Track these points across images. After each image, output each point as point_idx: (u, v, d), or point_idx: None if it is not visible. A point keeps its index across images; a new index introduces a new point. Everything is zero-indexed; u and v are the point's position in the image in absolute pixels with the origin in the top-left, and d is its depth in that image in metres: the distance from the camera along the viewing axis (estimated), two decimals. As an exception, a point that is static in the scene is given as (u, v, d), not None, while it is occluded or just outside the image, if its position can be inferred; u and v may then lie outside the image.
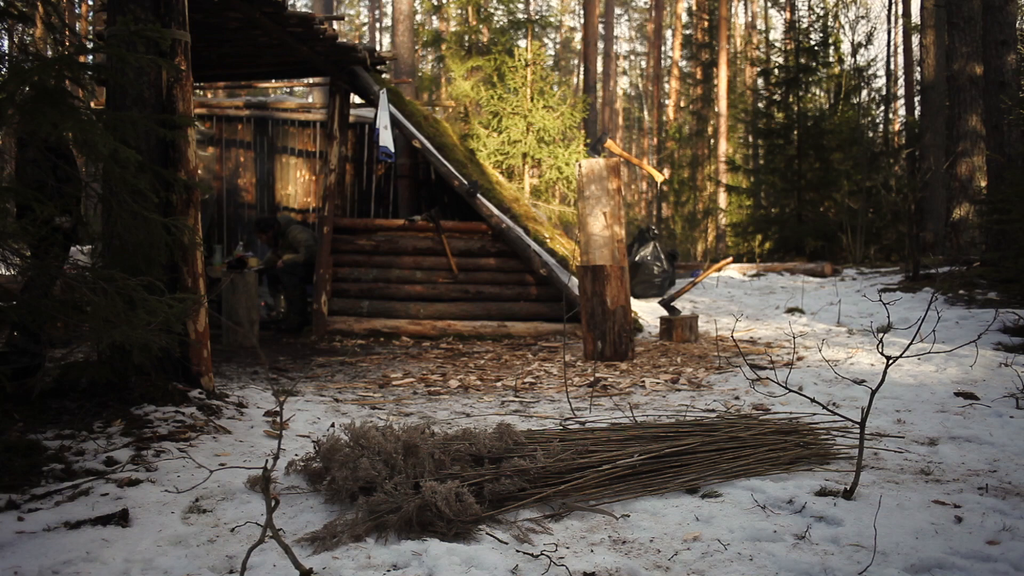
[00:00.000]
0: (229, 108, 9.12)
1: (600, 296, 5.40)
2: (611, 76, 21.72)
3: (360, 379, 4.91)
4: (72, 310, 2.78)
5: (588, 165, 5.55)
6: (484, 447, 2.48)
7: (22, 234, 2.76)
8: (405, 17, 14.22)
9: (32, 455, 2.56)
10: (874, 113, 19.03)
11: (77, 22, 19.65)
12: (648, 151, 29.60)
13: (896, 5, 22.34)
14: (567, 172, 11.96)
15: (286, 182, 9.08)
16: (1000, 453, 2.94)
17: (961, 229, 10.74)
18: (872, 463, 2.77)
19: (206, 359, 3.57)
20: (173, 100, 3.49)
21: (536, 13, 25.45)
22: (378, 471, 2.32)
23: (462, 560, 1.94)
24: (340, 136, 7.27)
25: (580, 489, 2.37)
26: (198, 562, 1.96)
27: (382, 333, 6.93)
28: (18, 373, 3.11)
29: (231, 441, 3.06)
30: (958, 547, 2.03)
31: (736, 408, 3.83)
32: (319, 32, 5.96)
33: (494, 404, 4.07)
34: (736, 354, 5.56)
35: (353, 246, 7.29)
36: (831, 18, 17.34)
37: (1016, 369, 4.29)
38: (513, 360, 5.71)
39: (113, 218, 3.08)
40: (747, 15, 29.24)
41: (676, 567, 1.96)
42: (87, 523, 2.15)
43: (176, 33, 3.47)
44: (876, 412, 3.50)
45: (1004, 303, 7.07)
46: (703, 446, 2.64)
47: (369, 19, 35.99)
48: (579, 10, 28.57)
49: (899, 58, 22.86)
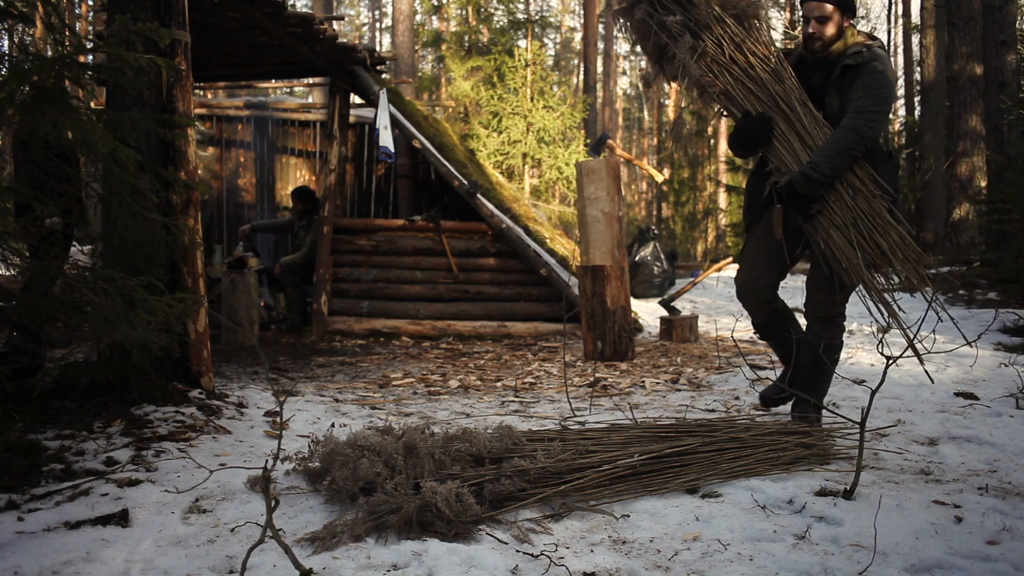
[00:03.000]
0: (229, 108, 9.12)
1: (600, 296, 5.40)
2: (611, 76, 21.72)
3: (360, 379, 4.91)
4: (72, 310, 2.78)
5: (588, 165, 5.55)
6: (484, 447, 2.48)
7: (22, 234, 2.76)
8: (405, 17, 14.22)
9: (32, 455, 2.56)
10: (874, 113, 18.97)
11: (77, 22, 19.65)
12: (648, 151, 29.60)
13: (896, 5, 22.35)
14: (567, 172, 11.96)
15: (286, 182, 9.08)
16: (1000, 453, 2.94)
17: (961, 229, 10.74)
18: (872, 463, 2.77)
19: (206, 359, 3.57)
20: (173, 100, 3.49)
21: (536, 13, 25.44)
22: (378, 471, 2.32)
23: (462, 560, 1.94)
24: (340, 136, 7.27)
25: (580, 489, 2.37)
26: (198, 562, 1.96)
27: (382, 333, 6.93)
28: (18, 373, 3.11)
29: (231, 441, 3.06)
30: (958, 547, 2.03)
31: (736, 408, 3.83)
32: (319, 32, 5.96)
33: (494, 404, 4.07)
34: (736, 354, 5.56)
35: (353, 246, 7.29)
36: (831, 18, 17.29)
37: (1016, 369, 4.29)
38: (513, 360, 5.71)
39: (113, 218, 3.08)
40: (747, 15, 29.17)
41: (676, 567, 1.96)
42: (87, 523, 2.15)
43: (176, 33, 3.47)
44: (876, 412, 3.50)
45: (1004, 303, 7.07)
46: (703, 446, 2.64)
47: (369, 19, 36.00)
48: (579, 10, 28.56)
49: (899, 58, 22.84)
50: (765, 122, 2.97)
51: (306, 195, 7.46)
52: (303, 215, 7.42)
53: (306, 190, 7.54)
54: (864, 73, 2.87)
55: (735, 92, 3.07)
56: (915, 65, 18.76)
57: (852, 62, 2.89)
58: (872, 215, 2.91)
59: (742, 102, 3.06)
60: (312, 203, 7.41)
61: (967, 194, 10.73)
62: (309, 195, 7.47)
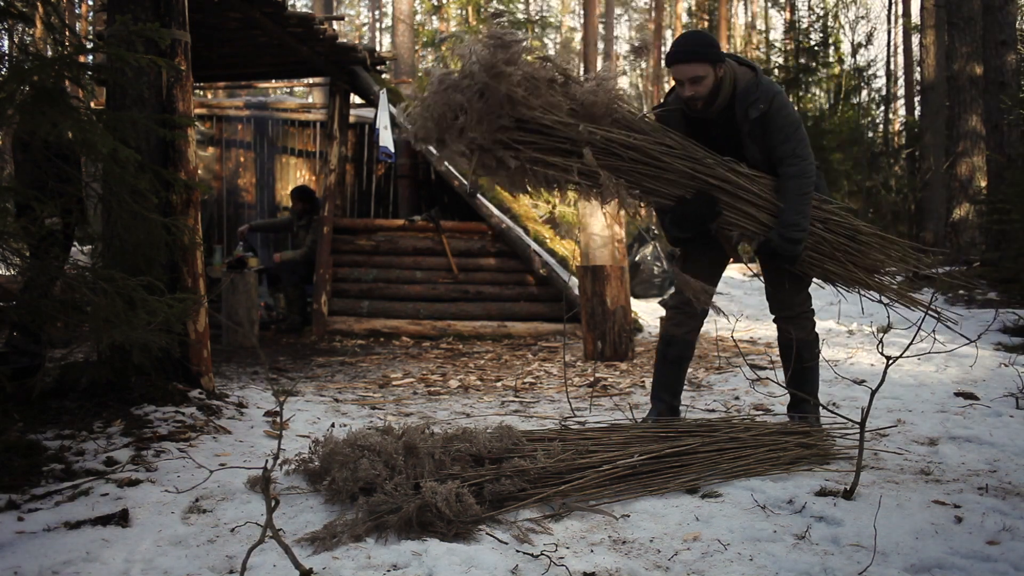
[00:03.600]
0: (229, 108, 9.12)
1: (600, 296, 5.40)
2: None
3: (360, 379, 4.91)
4: (72, 310, 2.78)
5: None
6: (484, 447, 2.48)
7: (22, 234, 2.76)
8: (405, 17, 14.22)
9: (32, 455, 2.56)
10: (874, 113, 19.04)
11: (77, 22, 19.65)
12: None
13: (896, 5, 22.35)
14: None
15: (286, 182, 9.07)
16: (1000, 453, 2.94)
17: (961, 229, 10.73)
18: (872, 463, 2.77)
19: (206, 359, 3.57)
20: (173, 100, 3.49)
21: (536, 13, 25.44)
22: (378, 471, 2.32)
23: (462, 560, 1.94)
24: (340, 136, 7.27)
25: (580, 489, 2.37)
26: (198, 562, 1.96)
27: (382, 333, 6.93)
28: (18, 373, 3.11)
29: (231, 441, 3.06)
30: (958, 547, 2.03)
31: (736, 408, 3.84)
32: (319, 32, 5.97)
33: (494, 404, 4.07)
34: (736, 354, 5.56)
35: (353, 246, 7.28)
36: (831, 18, 17.35)
37: (1016, 369, 4.29)
38: (513, 360, 5.71)
39: (113, 218, 3.08)
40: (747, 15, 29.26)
41: (676, 567, 1.96)
42: (87, 523, 2.15)
43: (176, 33, 3.47)
44: (876, 412, 3.50)
45: (1004, 303, 7.07)
46: (703, 446, 2.64)
47: (369, 19, 36.00)
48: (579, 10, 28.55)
49: (899, 58, 22.86)
50: (709, 201, 2.83)
51: (306, 194, 7.45)
52: (303, 214, 7.41)
53: (306, 189, 7.53)
54: (773, 118, 2.84)
55: (660, 189, 2.86)
56: (915, 65, 18.76)
57: (756, 113, 2.83)
58: (845, 229, 2.98)
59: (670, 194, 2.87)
60: (312, 202, 7.41)
61: (967, 194, 10.72)
62: (309, 194, 7.46)
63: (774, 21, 27.50)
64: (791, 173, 2.85)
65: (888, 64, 20.91)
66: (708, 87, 2.84)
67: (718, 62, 2.84)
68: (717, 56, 2.83)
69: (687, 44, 2.86)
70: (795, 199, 2.84)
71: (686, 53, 2.83)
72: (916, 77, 18.35)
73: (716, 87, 2.85)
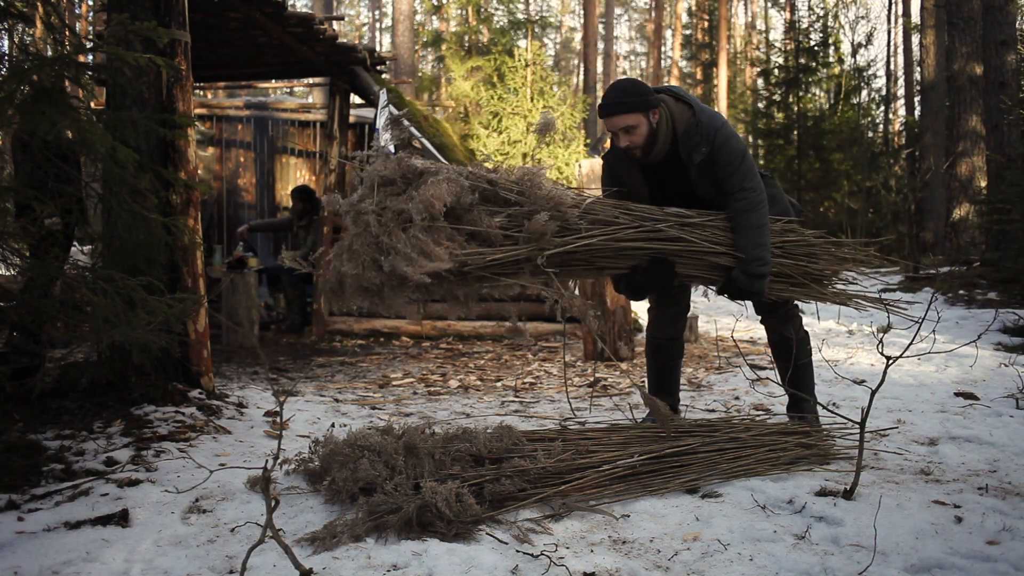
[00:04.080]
0: (229, 108, 9.13)
1: (600, 296, 5.40)
2: (611, 76, 21.71)
3: (360, 379, 4.91)
4: (72, 310, 2.78)
5: (588, 165, 5.55)
6: (484, 447, 2.48)
7: (22, 234, 2.76)
8: (405, 17, 14.23)
9: (32, 455, 2.56)
10: (874, 113, 19.05)
11: (77, 22, 19.66)
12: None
13: (896, 5, 22.37)
14: (567, 172, 11.96)
15: (286, 182, 9.08)
16: (1000, 453, 2.94)
17: (961, 229, 10.74)
18: (872, 463, 2.77)
19: (206, 359, 3.57)
20: (173, 100, 3.49)
21: (536, 13, 25.45)
22: (378, 472, 2.32)
23: (462, 560, 1.94)
24: (340, 136, 7.27)
25: (580, 489, 2.37)
26: (198, 562, 1.96)
27: (382, 333, 6.93)
28: (18, 373, 3.11)
29: (231, 441, 3.06)
30: (958, 547, 2.03)
31: (736, 408, 3.84)
32: (319, 32, 5.97)
33: (494, 404, 4.07)
34: (736, 354, 5.56)
35: (353, 246, 7.26)
36: (831, 18, 17.35)
37: (1016, 369, 4.29)
38: (513, 360, 5.71)
39: (113, 218, 3.08)
40: (747, 15, 29.28)
41: (676, 567, 1.96)
42: (87, 523, 2.15)
43: (176, 33, 3.47)
44: (876, 412, 3.50)
45: (1004, 303, 7.07)
46: (703, 446, 2.64)
47: (369, 19, 36.01)
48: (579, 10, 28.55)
49: (899, 58, 22.88)
50: (666, 267, 2.73)
51: (306, 194, 7.45)
52: (303, 214, 7.41)
53: (306, 189, 7.53)
54: (717, 154, 2.77)
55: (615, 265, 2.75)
56: (915, 65, 18.76)
57: (699, 157, 2.77)
58: (802, 248, 2.99)
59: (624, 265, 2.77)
60: (312, 202, 7.40)
61: (967, 194, 10.73)
62: (309, 194, 7.46)
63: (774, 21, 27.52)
64: (742, 208, 2.78)
65: (888, 64, 20.92)
66: (643, 135, 2.77)
67: (650, 109, 2.76)
68: (647, 104, 2.75)
69: (615, 95, 2.78)
70: (753, 233, 2.76)
71: (614, 105, 2.75)
72: (916, 77, 18.36)
73: (652, 134, 2.78)
